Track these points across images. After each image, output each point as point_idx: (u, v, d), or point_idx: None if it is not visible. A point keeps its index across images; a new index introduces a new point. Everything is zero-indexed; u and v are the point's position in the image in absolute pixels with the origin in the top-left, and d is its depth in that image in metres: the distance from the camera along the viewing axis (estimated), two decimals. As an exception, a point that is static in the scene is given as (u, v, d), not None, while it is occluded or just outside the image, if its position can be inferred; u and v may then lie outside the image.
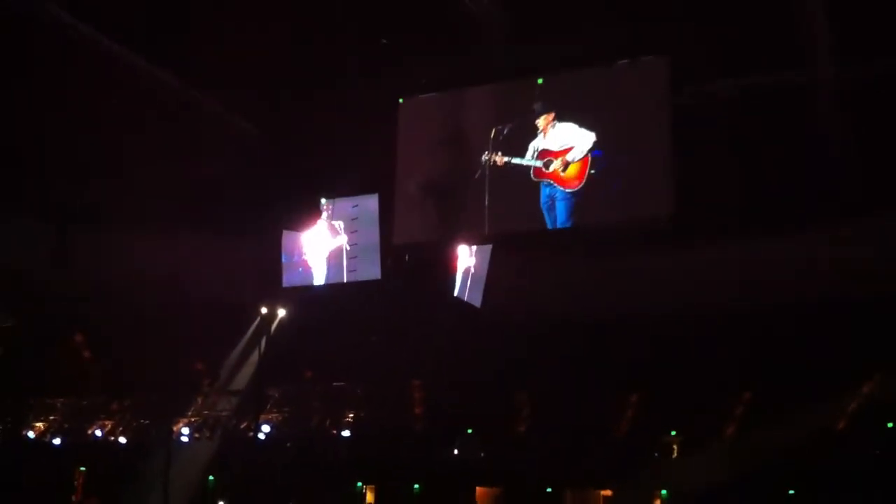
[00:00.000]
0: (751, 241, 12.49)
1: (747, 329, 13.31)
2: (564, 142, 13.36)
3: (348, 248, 14.59)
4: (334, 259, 14.89)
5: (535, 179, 13.33)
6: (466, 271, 14.04)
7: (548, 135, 13.42)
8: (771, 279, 12.78)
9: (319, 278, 14.97)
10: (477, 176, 13.53)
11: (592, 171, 12.92)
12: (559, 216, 13.08)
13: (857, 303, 12.56)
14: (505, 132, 13.45)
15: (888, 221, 11.95)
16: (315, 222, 15.03)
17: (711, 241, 12.55)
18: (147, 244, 14.90)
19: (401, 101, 14.51)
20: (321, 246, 15.04)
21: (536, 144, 13.43)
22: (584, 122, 13.16)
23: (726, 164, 12.39)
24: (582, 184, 13.04)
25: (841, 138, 11.97)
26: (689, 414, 14.15)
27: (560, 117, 13.39)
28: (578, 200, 13.01)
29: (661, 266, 13.08)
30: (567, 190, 13.12)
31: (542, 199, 13.27)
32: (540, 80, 13.53)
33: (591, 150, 12.96)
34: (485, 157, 13.46)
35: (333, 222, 14.99)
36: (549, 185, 13.28)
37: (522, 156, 13.41)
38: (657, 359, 13.87)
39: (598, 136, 13.06)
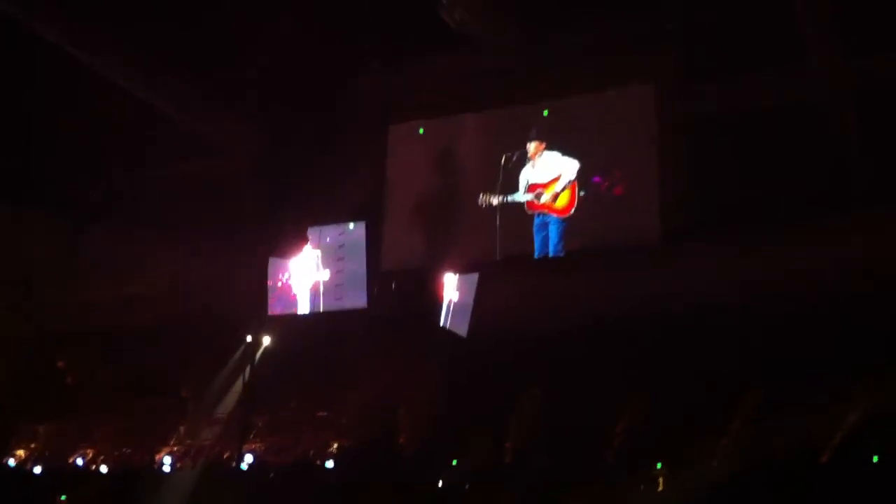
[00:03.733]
0: (752, 249, 12.53)
1: (736, 354, 13.29)
2: (551, 171, 13.40)
3: (330, 277, 14.52)
4: (319, 287, 14.84)
5: (530, 212, 13.32)
6: (452, 299, 13.98)
7: (536, 165, 13.44)
8: (766, 296, 12.80)
9: (304, 306, 14.90)
10: (485, 205, 13.49)
11: (582, 193, 12.95)
12: (552, 239, 13.08)
13: (852, 313, 12.59)
14: (514, 158, 13.45)
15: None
16: (301, 249, 14.98)
17: (705, 258, 12.60)
18: (133, 267, 14.86)
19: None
20: (307, 273, 14.99)
21: (527, 176, 13.43)
22: (569, 150, 13.19)
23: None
24: (574, 209, 13.07)
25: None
26: (674, 443, 14.04)
27: (549, 147, 13.40)
28: (570, 225, 13.00)
29: (649, 285, 13.11)
30: (561, 217, 13.13)
31: (536, 226, 13.27)
32: (546, 112, 13.56)
33: (576, 177, 12.98)
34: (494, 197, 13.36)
35: (319, 250, 14.95)
36: (543, 214, 13.28)
37: (515, 190, 13.42)
38: (644, 385, 13.84)
39: (585, 162, 13.08)
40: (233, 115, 13.88)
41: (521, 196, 13.19)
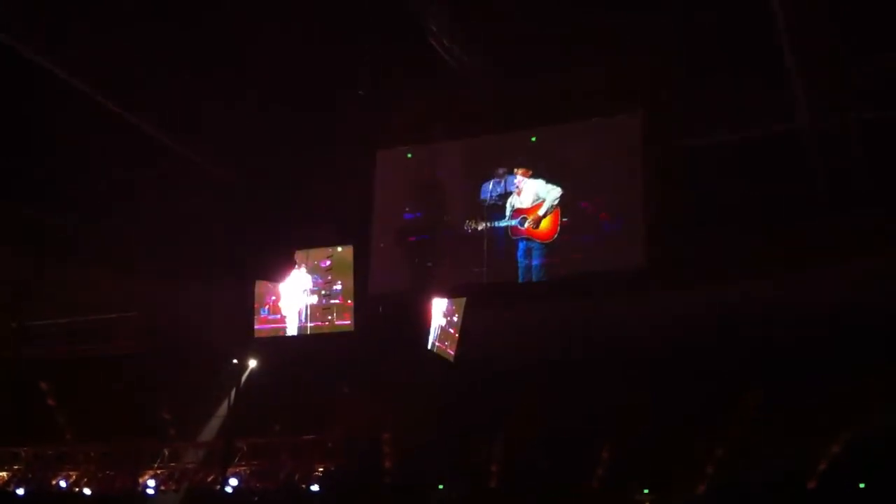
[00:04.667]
0: (726, 288, 12.62)
1: (723, 381, 13.38)
2: (535, 197, 13.46)
3: (317, 300, 14.50)
4: (306, 310, 14.79)
5: (514, 238, 13.35)
6: (440, 323, 13.98)
7: (522, 192, 13.51)
8: (745, 330, 12.89)
9: (291, 329, 14.84)
10: (470, 230, 13.55)
11: (565, 219, 12.97)
12: (534, 263, 13.12)
13: (827, 350, 12.68)
14: (502, 184, 13.50)
15: (861, 269, 12.06)
16: (289, 272, 14.93)
17: (687, 288, 12.66)
18: (118, 290, 14.81)
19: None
20: (294, 296, 14.94)
21: (512, 202, 13.50)
22: (555, 177, 13.25)
23: (702, 212, 12.49)
24: (557, 234, 13.09)
25: (821, 189, 12.07)
26: (661, 469, 14.12)
27: (534, 174, 13.48)
28: (554, 251, 13.04)
29: (636, 316, 13.17)
30: (543, 242, 13.17)
31: (520, 251, 13.29)
32: (533, 139, 13.61)
33: (558, 203, 13.02)
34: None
35: (306, 273, 14.91)
36: (527, 239, 13.32)
37: (502, 216, 13.47)
38: (629, 410, 13.91)
39: (571, 189, 13.13)
40: (219, 141, 13.87)
41: (505, 221, 13.31)
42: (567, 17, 11.48)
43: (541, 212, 13.11)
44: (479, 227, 13.35)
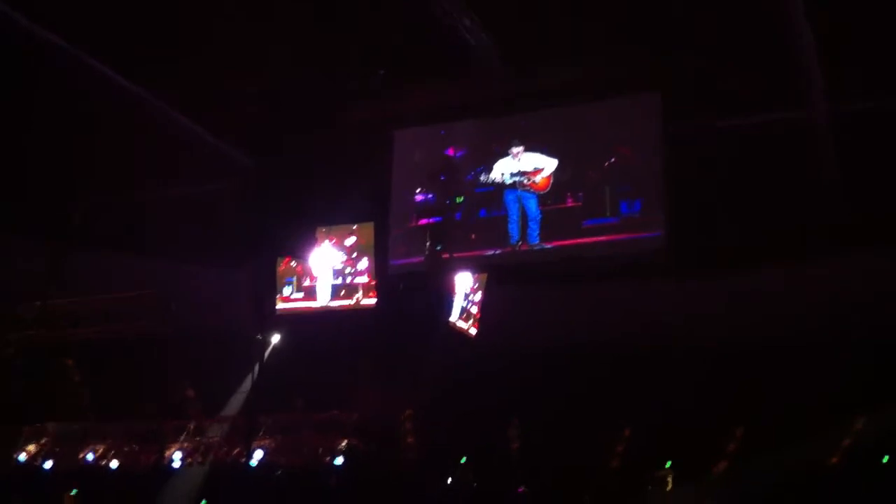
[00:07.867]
0: (743, 276, 12.62)
1: (739, 363, 13.41)
2: (535, 165, 13.77)
3: (339, 277, 14.63)
4: (328, 286, 14.93)
5: (520, 192, 13.61)
6: (459, 300, 14.11)
7: (521, 160, 13.83)
8: (762, 313, 12.90)
9: (313, 305, 14.99)
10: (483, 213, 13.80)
11: (581, 194, 13.26)
12: (530, 210, 13.46)
13: (848, 338, 12.67)
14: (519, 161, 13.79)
15: (878, 258, 12.05)
16: (311, 249, 15.05)
17: (703, 274, 12.69)
18: (141, 269, 14.97)
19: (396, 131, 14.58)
20: (316, 273, 15.07)
21: (510, 167, 13.81)
22: (573, 157, 13.46)
23: (719, 197, 12.48)
24: (549, 187, 13.43)
25: (833, 176, 12.03)
26: (681, 448, 14.17)
27: (533, 149, 13.75)
28: (543, 197, 13.43)
29: (653, 298, 13.22)
30: (539, 192, 13.56)
31: (509, 199, 13.63)
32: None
33: (554, 169, 13.41)
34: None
35: (328, 250, 15.03)
36: (522, 190, 13.63)
37: (514, 193, 13.73)
38: (650, 391, 13.94)
39: (589, 169, 13.24)
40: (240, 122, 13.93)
41: (508, 179, 13.62)
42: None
43: (542, 174, 13.39)
44: (492, 208, 13.51)
